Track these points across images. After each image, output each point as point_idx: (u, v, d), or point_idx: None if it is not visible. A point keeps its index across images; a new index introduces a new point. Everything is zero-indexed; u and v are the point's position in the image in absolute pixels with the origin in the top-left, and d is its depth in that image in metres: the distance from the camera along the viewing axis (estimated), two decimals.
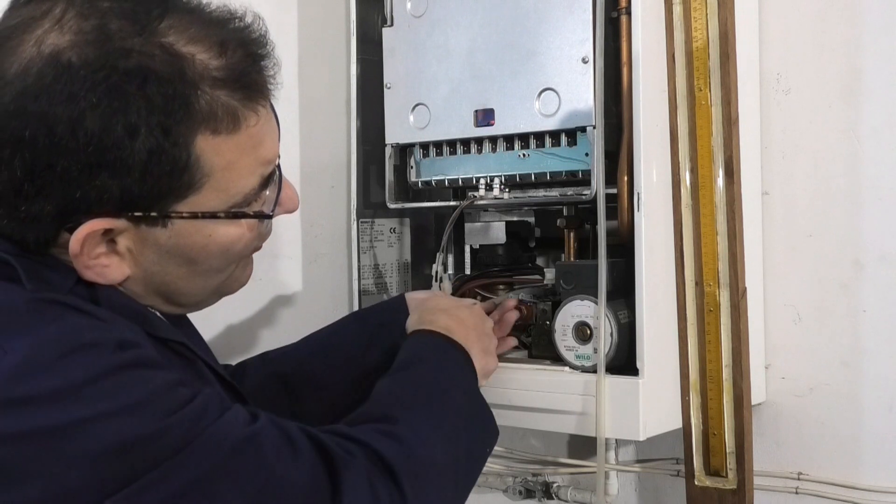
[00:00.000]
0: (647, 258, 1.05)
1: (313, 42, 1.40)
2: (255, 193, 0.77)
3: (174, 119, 0.69)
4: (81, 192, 0.69)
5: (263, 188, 0.78)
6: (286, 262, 1.37)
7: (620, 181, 1.08)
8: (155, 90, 0.68)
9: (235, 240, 0.78)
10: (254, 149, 0.75)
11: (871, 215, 1.17)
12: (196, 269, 0.77)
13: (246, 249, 0.81)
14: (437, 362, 0.93)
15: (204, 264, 0.77)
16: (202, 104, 0.70)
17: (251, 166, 0.75)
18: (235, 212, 0.75)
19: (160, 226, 0.73)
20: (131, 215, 0.71)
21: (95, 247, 0.72)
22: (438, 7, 1.23)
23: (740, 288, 1.08)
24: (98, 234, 0.71)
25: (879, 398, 1.17)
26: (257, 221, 0.79)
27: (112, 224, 0.71)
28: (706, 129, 1.08)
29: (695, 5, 1.08)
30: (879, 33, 1.16)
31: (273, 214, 0.81)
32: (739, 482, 1.09)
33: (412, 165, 1.29)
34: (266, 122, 0.77)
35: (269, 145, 0.77)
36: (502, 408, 1.15)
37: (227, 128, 0.72)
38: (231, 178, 0.74)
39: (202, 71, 0.70)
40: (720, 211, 1.08)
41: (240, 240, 0.78)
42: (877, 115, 1.16)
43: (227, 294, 0.85)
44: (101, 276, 0.73)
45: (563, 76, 1.13)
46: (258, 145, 0.76)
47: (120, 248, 0.73)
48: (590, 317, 1.09)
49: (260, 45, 0.76)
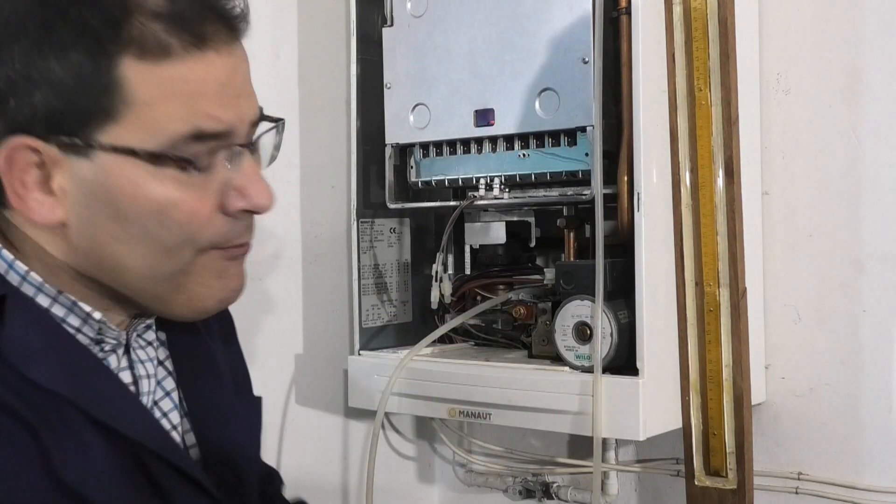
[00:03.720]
0: (647, 258, 1.05)
1: (313, 42, 1.40)
2: (186, 143, 0.71)
3: (102, 39, 0.69)
4: (13, 106, 0.69)
5: (200, 141, 0.72)
6: (286, 262, 1.37)
7: (620, 181, 1.08)
8: (88, 11, 0.69)
9: (170, 203, 0.72)
10: (190, 95, 0.71)
11: (871, 215, 1.17)
12: (130, 231, 0.72)
13: (189, 225, 0.73)
14: None
15: (136, 224, 0.72)
16: (133, 30, 0.69)
17: (182, 112, 0.71)
18: (154, 152, 0.71)
19: (85, 156, 0.71)
20: (58, 140, 0.70)
21: (28, 175, 0.71)
22: (438, 7, 1.23)
23: (740, 288, 1.08)
24: (27, 155, 0.70)
25: (879, 398, 1.17)
26: (201, 194, 0.73)
27: (38, 145, 0.70)
28: (706, 129, 1.08)
29: (695, 5, 1.08)
30: (879, 33, 1.16)
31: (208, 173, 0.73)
32: (739, 482, 1.09)
33: (412, 165, 1.29)
34: (212, 75, 0.72)
35: (213, 100, 0.72)
36: (502, 408, 1.15)
37: (154, 56, 0.70)
38: (156, 118, 0.70)
39: (141, 2, 0.70)
40: (720, 211, 1.08)
41: (175, 206, 0.72)
42: (877, 115, 1.16)
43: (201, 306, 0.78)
44: (33, 211, 0.72)
45: (563, 76, 1.13)
46: (197, 94, 0.72)
47: (54, 187, 0.72)
48: (590, 317, 1.09)
49: (216, 1, 0.74)
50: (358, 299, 1.31)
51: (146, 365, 0.82)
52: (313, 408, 1.41)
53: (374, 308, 1.33)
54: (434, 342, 1.27)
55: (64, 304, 0.75)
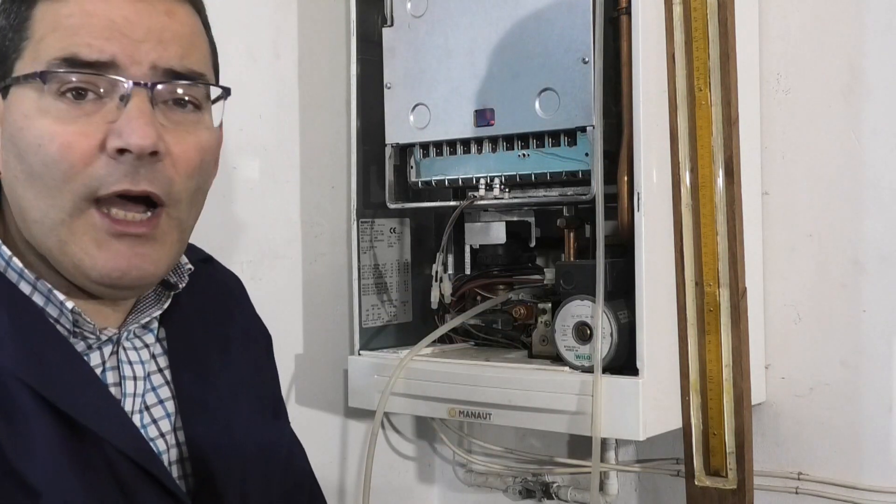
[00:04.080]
0: (647, 258, 1.05)
1: (313, 42, 1.40)
2: (59, 65, 0.72)
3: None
4: None
5: (77, 68, 0.72)
6: (286, 262, 1.37)
7: (620, 181, 1.08)
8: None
9: (45, 135, 0.71)
10: (74, 27, 0.72)
11: (871, 215, 1.17)
12: (23, 168, 0.72)
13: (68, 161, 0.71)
14: None
15: (26, 161, 0.72)
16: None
17: (63, 42, 0.72)
18: (37, 73, 0.72)
19: (3, 98, 0.75)
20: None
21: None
22: (438, 7, 1.23)
23: (740, 288, 1.08)
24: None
25: (879, 398, 1.17)
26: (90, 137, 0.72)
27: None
28: (706, 129, 1.08)
29: (695, 5, 1.08)
30: (879, 33, 1.16)
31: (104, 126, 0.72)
32: (739, 482, 1.09)
33: (412, 165, 1.29)
34: (103, 12, 0.73)
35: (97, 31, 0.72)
36: (502, 408, 1.15)
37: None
38: (41, 48, 0.73)
39: None
40: (720, 211, 1.08)
41: (50, 138, 0.71)
42: (877, 115, 1.17)
43: (86, 273, 0.73)
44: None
45: (563, 76, 1.13)
46: (82, 25, 0.72)
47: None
48: (590, 317, 1.09)
49: None
50: (358, 299, 1.31)
51: (135, 367, 0.80)
52: (313, 408, 1.41)
53: (374, 308, 1.33)
54: (434, 342, 1.27)
55: (41, 292, 0.75)
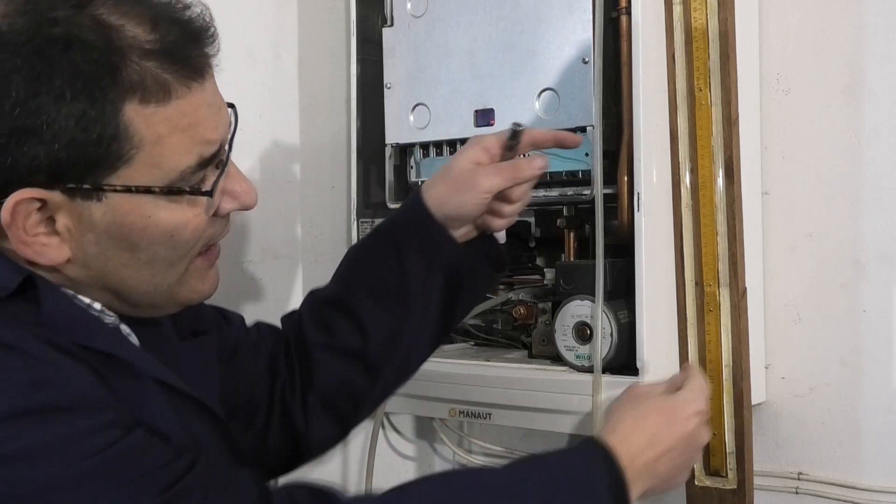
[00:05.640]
0: (647, 258, 1.05)
1: (313, 42, 1.40)
2: (193, 172, 0.74)
3: (100, 85, 0.69)
4: (11, 161, 0.69)
5: (203, 168, 0.75)
6: (286, 262, 1.37)
7: (620, 181, 1.08)
8: (80, 56, 0.68)
9: (179, 225, 0.75)
10: (190, 126, 0.73)
11: (871, 215, 1.17)
12: (139, 257, 0.75)
13: (193, 240, 0.77)
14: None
15: (147, 251, 0.75)
16: (130, 73, 0.70)
17: (186, 144, 0.73)
18: (171, 187, 0.73)
19: (94, 199, 0.72)
20: (64, 187, 0.71)
21: (30, 220, 0.71)
22: (438, 7, 1.23)
23: (740, 288, 1.08)
24: (30, 205, 0.71)
25: (879, 398, 1.17)
26: (204, 210, 0.77)
27: (43, 195, 0.70)
28: (706, 129, 1.08)
29: (695, 5, 1.08)
30: (879, 33, 1.16)
31: (214, 195, 0.77)
32: (739, 482, 1.09)
33: (412, 165, 1.29)
34: (204, 102, 0.75)
35: (208, 125, 0.75)
36: (502, 408, 1.15)
37: (156, 98, 0.71)
38: (164, 154, 0.72)
39: (131, 42, 0.70)
40: (720, 211, 1.08)
41: (185, 226, 0.75)
42: (877, 115, 1.16)
43: (185, 302, 0.82)
44: (40, 255, 0.72)
45: (563, 76, 1.13)
46: (195, 123, 0.74)
47: (59, 228, 0.72)
48: (590, 317, 1.09)
49: (195, 24, 0.75)
50: None
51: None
52: None
53: None
54: None
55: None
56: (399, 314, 0.96)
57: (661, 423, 0.88)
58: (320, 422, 0.97)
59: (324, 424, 0.98)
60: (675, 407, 0.90)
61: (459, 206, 0.95)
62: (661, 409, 0.89)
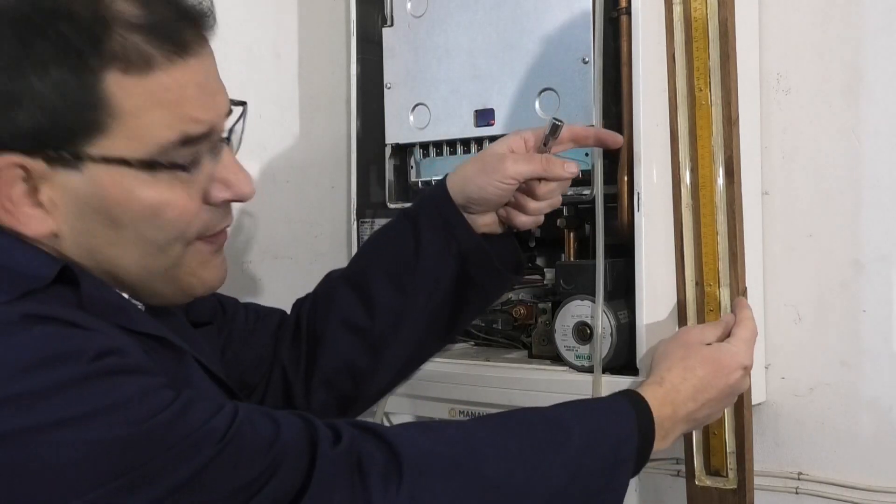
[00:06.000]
0: (647, 258, 1.05)
1: (313, 42, 1.40)
2: (175, 149, 0.74)
3: (83, 54, 0.69)
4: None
5: (188, 146, 0.74)
6: (286, 262, 1.37)
7: (620, 181, 1.08)
8: (66, 26, 0.69)
9: (162, 203, 0.74)
10: (173, 102, 0.73)
11: (871, 215, 1.17)
12: (125, 236, 0.74)
13: (182, 222, 0.76)
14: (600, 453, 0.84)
15: (132, 229, 0.74)
16: (113, 44, 0.70)
17: (167, 119, 0.73)
18: (146, 160, 0.73)
19: (74, 169, 0.72)
20: (45, 154, 0.71)
21: (15, 189, 0.72)
22: (438, 7, 1.23)
23: (740, 288, 1.08)
24: (13, 171, 0.71)
25: (879, 398, 1.17)
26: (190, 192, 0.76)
27: (25, 161, 0.71)
28: (706, 129, 1.08)
29: (695, 5, 1.08)
30: (879, 33, 1.16)
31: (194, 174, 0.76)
32: (739, 482, 1.09)
33: (412, 165, 1.29)
34: (191, 80, 0.74)
35: (195, 104, 0.74)
36: (503, 408, 1.15)
37: (137, 69, 0.71)
38: (143, 126, 0.72)
39: (118, 15, 0.71)
40: (720, 211, 1.08)
41: (168, 206, 0.75)
42: (877, 115, 1.16)
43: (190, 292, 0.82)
44: (24, 224, 0.73)
45: (563, 76, 1.13)
46: (179, 100, 0.73)
47: (43, 199, 0.72)
48: (590, 317, 1.09)
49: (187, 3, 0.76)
50: None
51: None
52: None
53: None
54: None
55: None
56: (409, 291, 0.97)
57: (707, 377, 0.92)
58: (321, 401, 0.99)
59: (324, 405, 0.99)
60: (723, 361, 0.94)
61: (481, 188, 0.97)
62: (710, 363, 0.93)
